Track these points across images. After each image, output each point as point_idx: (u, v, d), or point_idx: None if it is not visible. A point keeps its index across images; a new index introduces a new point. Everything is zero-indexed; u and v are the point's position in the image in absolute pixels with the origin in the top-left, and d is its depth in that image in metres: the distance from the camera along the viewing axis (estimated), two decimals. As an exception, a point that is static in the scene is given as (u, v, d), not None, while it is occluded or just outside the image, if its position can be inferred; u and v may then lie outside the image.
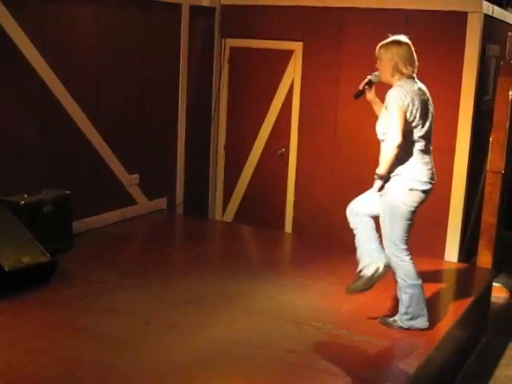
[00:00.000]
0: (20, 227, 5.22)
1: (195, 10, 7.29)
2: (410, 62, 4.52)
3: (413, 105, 4.44)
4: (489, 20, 6.57)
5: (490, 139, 6.41)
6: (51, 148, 6.02)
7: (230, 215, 7.84)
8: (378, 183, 4.56)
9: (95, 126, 6.38)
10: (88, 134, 6.33)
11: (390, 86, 4.58)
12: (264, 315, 4.89)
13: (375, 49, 4.39)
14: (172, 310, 4.91)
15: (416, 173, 4.53)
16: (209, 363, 4.15)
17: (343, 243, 6.66)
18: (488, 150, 6.44)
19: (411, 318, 4.66)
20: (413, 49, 4.55)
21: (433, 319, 4.76)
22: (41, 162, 5.94)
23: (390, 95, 4.46)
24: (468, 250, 6.80)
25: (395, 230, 4.56)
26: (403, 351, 4.42)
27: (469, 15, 6.32)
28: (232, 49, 7.59)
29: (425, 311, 4.69)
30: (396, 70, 4.51)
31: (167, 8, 6.98)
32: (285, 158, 7.32)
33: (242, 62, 7.54)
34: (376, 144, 4.64)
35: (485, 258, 6.41)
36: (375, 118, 6.86)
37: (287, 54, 7.21)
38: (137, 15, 6.70)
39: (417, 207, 4.58)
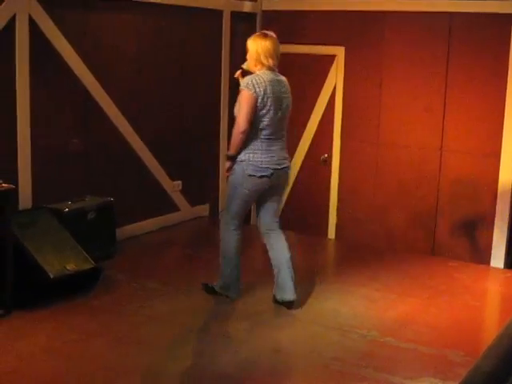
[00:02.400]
0: (64, 234, 5.27)
1: (236, 16, 7.30)
2: (271, 55, 4.88)
3: (264, 93, 4.77)
4: (534, 21, 6.44)
5: (537, 142, 6.28)
6: (95, 155, 6.09)
7: (272, 221, 7.80)
8: (226, 164, 4.98)
9: (138, 133, 6.42)
10: (131, 140, 6.38)
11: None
12: (307, 323, 4.86)
13: (418, 53, 4.35)
14: (215, 317, 4.91)
15: (256, 160, 4.85)
16: (252, 371, 4.13)
17: (387, 249, 6.60)
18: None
19: (224, 287, 5.11)
20: (277, 44, 4.92)
21: (479, 327, 4.66)
22: (84, 169, 6.01)
23: (245, 81, 4.83)
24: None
25: (232, 206, 5.00)
26: (450, 359, 4.34)
27: (514, 16, 6.21)
28: (273, 54, 7.56)
29: (236, 284, 5.12)
30: (258, 61, 4.89)
31: (209, 14, 7.00)
32: (328, 163, 7.27)
33: (283, 68, 7.51)
34: (418, 150, 4.58)
35: (532, 264, 6.28)
36: (417, 123, 6.77)
37: (329, 59, 7.16)
38: (178, 22, 6.73)
39: (257, 190, 4.95)
